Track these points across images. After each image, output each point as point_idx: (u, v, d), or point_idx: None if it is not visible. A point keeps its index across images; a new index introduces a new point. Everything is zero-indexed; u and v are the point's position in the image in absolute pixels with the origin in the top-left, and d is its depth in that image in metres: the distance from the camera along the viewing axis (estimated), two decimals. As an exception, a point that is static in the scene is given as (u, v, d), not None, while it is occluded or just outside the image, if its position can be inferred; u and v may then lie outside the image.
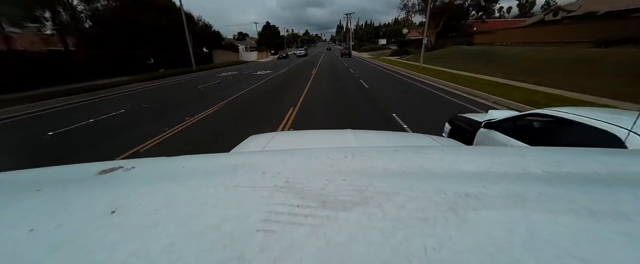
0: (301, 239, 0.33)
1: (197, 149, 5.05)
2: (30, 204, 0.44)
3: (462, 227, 0.35)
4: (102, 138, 6.00)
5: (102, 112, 8.30)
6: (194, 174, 0.56)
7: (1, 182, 0.58)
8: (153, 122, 7.02)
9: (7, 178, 0.60)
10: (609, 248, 0.31)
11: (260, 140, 1.61)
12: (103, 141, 5.80)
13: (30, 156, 5.12)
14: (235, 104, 9.04)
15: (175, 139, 5.74)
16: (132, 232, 0.36)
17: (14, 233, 0.36)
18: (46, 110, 9.38)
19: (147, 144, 5.36)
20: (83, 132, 6.51)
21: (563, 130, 2.29)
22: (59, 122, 7.34)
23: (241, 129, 6.11)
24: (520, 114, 2.89)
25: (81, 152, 5.18)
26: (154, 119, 7.41)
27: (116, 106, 9.48)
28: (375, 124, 6.21)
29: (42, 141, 5.91)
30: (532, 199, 0.40)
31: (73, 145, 5.63)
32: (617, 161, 0.56)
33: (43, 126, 6.98)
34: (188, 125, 6.63)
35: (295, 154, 0.70)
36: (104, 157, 4.80)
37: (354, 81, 13.65)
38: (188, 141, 5.61)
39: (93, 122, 7.30)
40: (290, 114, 7.26)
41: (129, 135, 6.05)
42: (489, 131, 3.04)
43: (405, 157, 0.63)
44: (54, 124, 7.06)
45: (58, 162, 3.82)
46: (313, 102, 8.90)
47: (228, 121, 6.95)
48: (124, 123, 7.15)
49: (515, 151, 0.68)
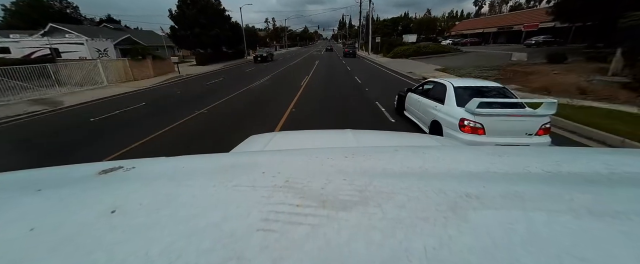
0: (301, 239, 0.33)
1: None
2: (31, 203, 0.45)
3: (462, 227, 0.35)
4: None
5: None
6: (194, 174, 0.56)
7: (2, 182, 0.58)
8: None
9: (7, 178, 0.60)
10: (609, 247, 0.31)
11: (261, 140, 1.61)
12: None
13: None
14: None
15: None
16: (132, 232, 0.36)
17: (14, 232, 0.36)
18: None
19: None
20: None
21: (434, 85, 5.03)
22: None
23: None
24: (422, 82, 5.80)
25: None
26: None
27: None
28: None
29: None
30: (532, 199, 0.40)
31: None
32: (617, 160, 0.56)
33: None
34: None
35: (295, 154, 0.70)
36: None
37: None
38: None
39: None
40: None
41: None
42: (410, 94, 5.75)
43: (405, 157, 0.63)
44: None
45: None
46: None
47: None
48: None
49: (515, 150, 0.68)
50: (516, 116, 3.59)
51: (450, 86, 4.32)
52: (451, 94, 4.22)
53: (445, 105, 4.24)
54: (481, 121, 3.63)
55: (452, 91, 4.22)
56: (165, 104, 8.94)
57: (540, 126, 3.59)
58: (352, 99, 8.63)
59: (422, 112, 5.06)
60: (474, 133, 3.71)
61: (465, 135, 3.74)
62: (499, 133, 3.65)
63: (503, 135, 3.65)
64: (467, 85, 4.33)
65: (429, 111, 4.65)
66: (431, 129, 4.58)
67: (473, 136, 3.70)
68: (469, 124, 3.71)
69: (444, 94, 4.33)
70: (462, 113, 3.80)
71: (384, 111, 7.00)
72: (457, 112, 3.89)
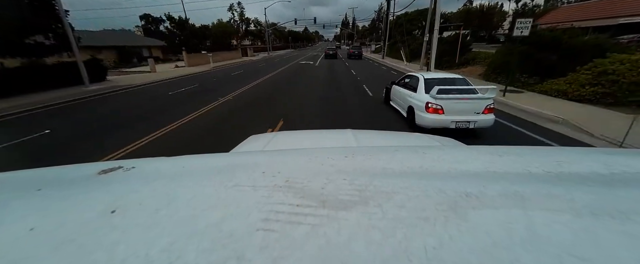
0: (301, 239, 0.33)
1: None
2: (31, 203, 0.45)
3: (462, 226, 0.35)
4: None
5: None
6: (194, 174, 0.56)
7: (2, 182, 0.58)
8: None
9: (8, 178, 0.60)
10: (608, 247, 0.31)
11: (261, 140, 1.61)
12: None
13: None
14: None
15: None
16: (132, 231, 0.36)
17: (14, 232, 0.36)
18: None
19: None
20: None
21: (410, 78, 6.04)
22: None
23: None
24: (403, 76, 6.68)
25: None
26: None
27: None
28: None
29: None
30: (532, 198, 0.40)
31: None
32: (617, 160, 0.56)
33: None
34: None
35: (295, 154, 0.70)
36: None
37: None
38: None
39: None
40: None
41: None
42: (394, 86, 6.86)
43: (405, 156, 0.63)
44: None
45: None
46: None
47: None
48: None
49: (515, 150, 0.68)
50: (466, 99, 4.73)
51: (422, 78, 5.47)
52: (422, 84, 5.31)
53: (417, 93, 5.34)
54: (440, 103, 4.74)
55: (422, 82, 5.34)
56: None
57: (485, 107, 4.76)
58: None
59: (401, 100, 6.23)
60: (435, 113, 4.78)
61: (429, 115, 4.84)
62: (454, 112, 4.75)
63: (458, 114, 4.75)
64: (435, 77, 5.50)
65: (406, 99, 5.79)
66: (408, 112, 5.71)
67: (435, 115, 4.79)
68: (432, 106, 4.80)
69: (417, 84, 5.46)
70: (427, 98, 4.89)
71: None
72: (424, 97, 4.99)
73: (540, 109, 6.58)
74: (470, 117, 4.75)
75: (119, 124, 6.70)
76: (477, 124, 4.77)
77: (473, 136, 5.12)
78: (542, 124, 5.90)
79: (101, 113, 8.01)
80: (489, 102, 4.76)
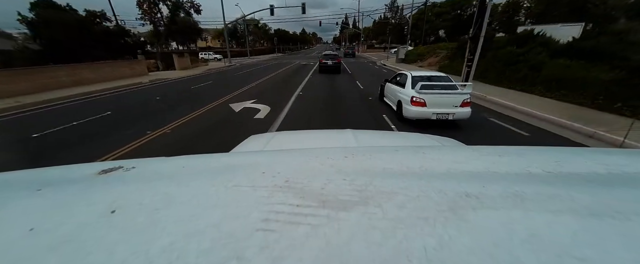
0: (301, 239, 0.33)
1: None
2: (31, 203, 0.44)
3: (462, 227, 0.34)
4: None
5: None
6: (193, 174, 0.56)
7: (2, 182, 0.58)
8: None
9: (8, 178, 0.60)
10: (609, 247, 0.31)
11: (260, 140, 1.61)
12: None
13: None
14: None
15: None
16: (132, 231, 0.36)
17: (14, 232, 0.36)
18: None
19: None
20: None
21: (401, 76, 6.76)
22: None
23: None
24: (395, 74, 7.32)
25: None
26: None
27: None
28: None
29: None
30: (532, 199, 0.40)
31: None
32: (617, 161, 0.56)
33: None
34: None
35: (295, 154, 0.70)
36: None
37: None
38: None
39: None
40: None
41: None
42: (387, 83, 7.54)
43: (405, 157, 0.63)
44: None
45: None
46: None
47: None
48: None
49: (515, 150, 0.68)
50: (446, 94, 5.43)
51: (410, 75, 6.22)
52: (409, 80, 6.05)
53: (405, 88, 6.04)
54: (423, 98, 5.42)
55: (410, 79, 6.08)
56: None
57: (463, 101, 5.38)
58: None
59: (392, 96, 6.93)
60: (419, 106, 5.47)
61: (413, 107, 5.53)
62: (436, 105, 5.40)
63: (439, 106, 5.40)
64: (421, 75, 6.28)
65: (397, 94, 6.46)
66: (397, 106, 6.39)
67: (418, 108, 5.48)
68: (416, 100, 5.48)
69: (406, 81, 6.18)
70: (413, 93, 5.55)
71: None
72: (410, 92, 5.66)
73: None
74: (449, 109, 5.39)
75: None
76: (456, 116, 5.41)
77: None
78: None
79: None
80: (466, 97, 5.41)
